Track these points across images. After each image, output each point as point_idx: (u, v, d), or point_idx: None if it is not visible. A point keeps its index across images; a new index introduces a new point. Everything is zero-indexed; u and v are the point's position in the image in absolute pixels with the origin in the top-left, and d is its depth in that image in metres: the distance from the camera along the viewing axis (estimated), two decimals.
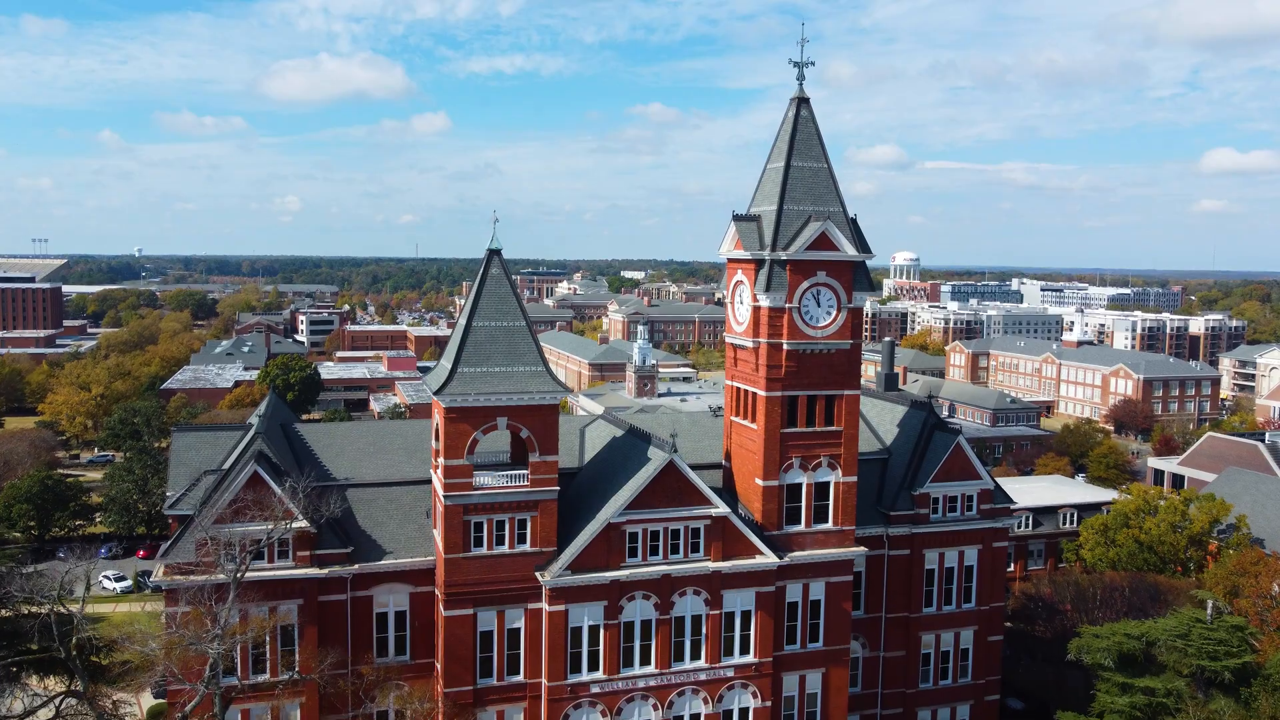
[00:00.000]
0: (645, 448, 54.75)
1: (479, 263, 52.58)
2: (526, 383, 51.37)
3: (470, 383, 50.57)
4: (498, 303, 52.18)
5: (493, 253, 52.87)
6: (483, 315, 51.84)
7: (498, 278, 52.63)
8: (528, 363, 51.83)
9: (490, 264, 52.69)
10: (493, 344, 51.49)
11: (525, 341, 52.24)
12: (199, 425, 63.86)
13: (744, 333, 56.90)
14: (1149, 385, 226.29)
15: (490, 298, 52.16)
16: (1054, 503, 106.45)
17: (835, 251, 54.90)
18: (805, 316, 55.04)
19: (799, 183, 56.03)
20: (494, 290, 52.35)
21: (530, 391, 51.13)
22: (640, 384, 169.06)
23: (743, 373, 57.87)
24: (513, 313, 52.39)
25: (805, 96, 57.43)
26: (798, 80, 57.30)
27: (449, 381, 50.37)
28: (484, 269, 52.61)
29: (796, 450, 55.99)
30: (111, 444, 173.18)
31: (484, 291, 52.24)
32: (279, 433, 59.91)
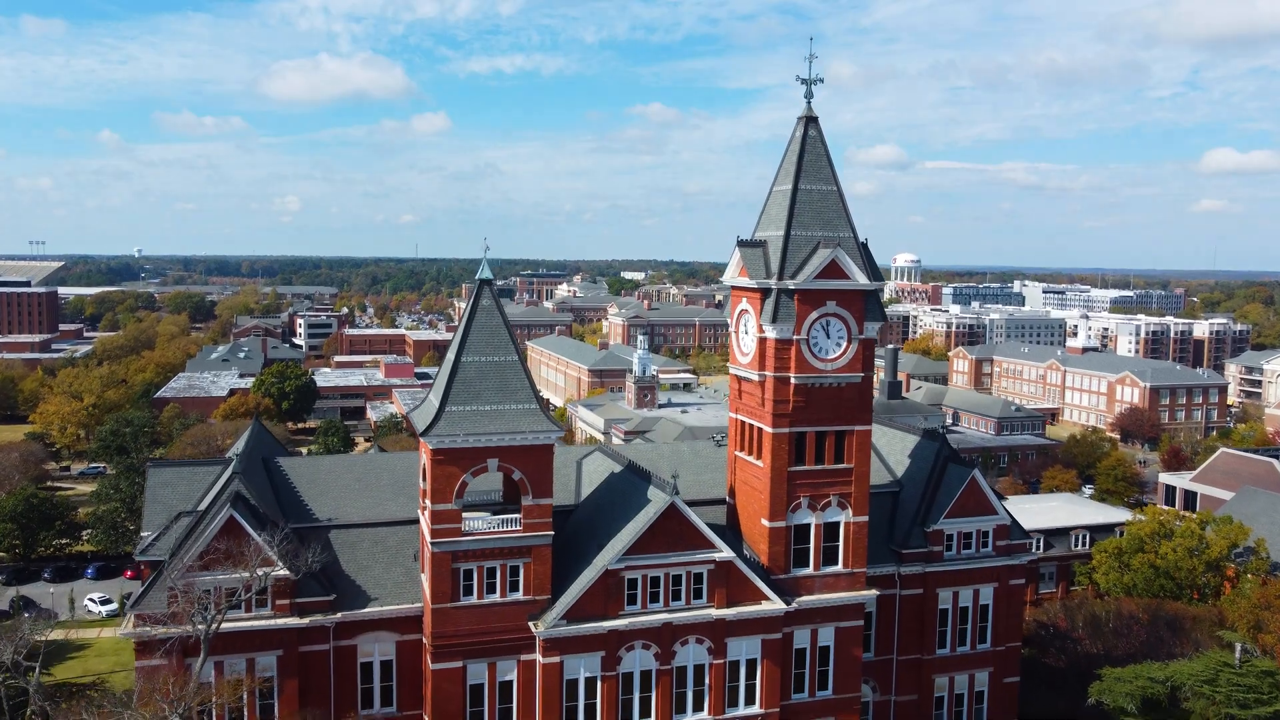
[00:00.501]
0: (645, 487, 51.82)
1: (479, 263, 49.51)
2: (518, 422, 48.41)
3: (459, 422, 47.62)
4: (488, 336, 49.20)
5: (483, 283, 49.92)
6: (472, 349, 48.85)
7: (489, 309, 49.66)
8: (520, 400, 48.88)
9: (481, 294, 49.73)
10: (483, 380, 48.52)
11: (517, 377, 49.29)
12: (175, 460, 60.89)
13: (749, 364, 53.95)
14: (1155, 393, 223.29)
15: (480, 331, 49.18)
16: (1066, 524, 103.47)
17: (846, 280, 51.97)
18: (814, 348, 52.11)
19: (807, 206, 53.09)
20: (485, 323, 49.39)
21: (523, 431, 48.18)
22: (640, 395, 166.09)
23: (748, 406, 54.94)
24: (504, 346, 49.41)
25: (813, 115, 54.49)
26: (805, 99, 54.36)
27: (436, 421, 47.42)
28: (474, 300, 49.63)
29: (805, 489, 53.05)
30: (102, 456, 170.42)
31: (474, 324, 49.25)
32: (260, 468, 57.00)
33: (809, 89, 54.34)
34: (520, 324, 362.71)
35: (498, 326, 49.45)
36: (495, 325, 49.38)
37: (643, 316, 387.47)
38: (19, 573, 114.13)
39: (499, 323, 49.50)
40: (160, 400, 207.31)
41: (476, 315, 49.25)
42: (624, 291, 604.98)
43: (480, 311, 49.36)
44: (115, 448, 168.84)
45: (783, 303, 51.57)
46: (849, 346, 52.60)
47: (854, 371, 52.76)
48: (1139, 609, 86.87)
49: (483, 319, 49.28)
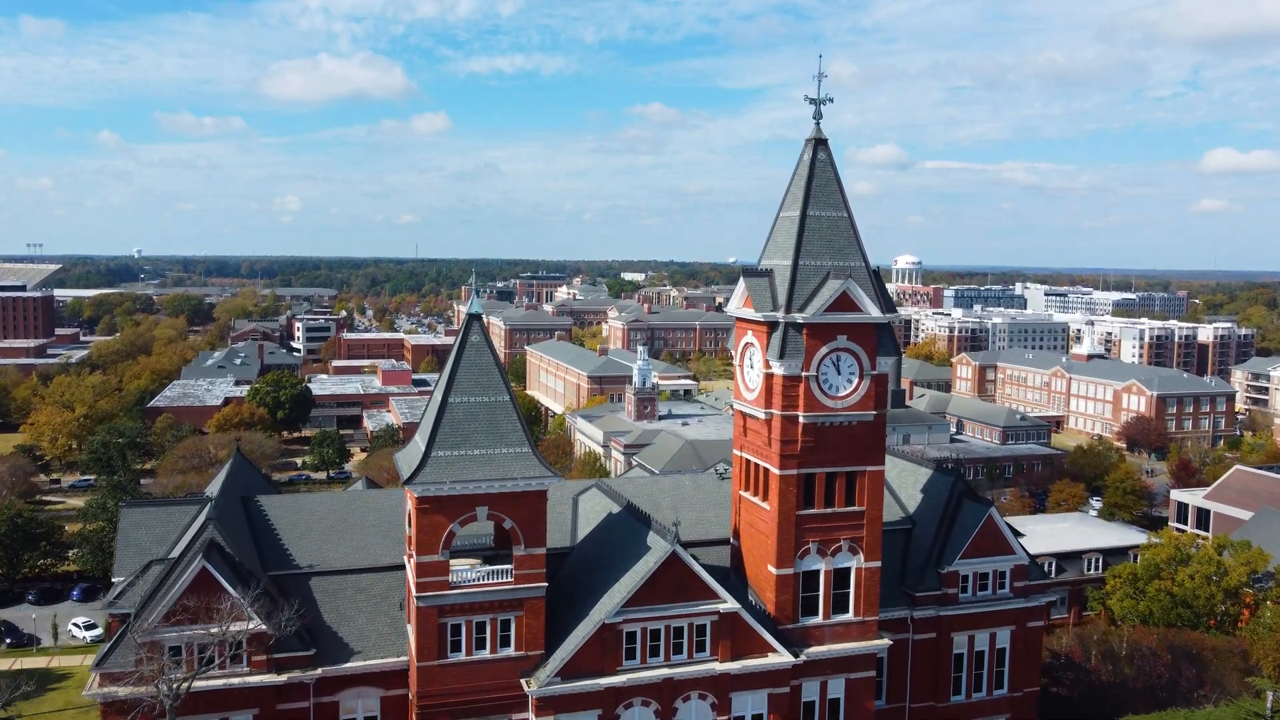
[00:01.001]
0: (644, 532, 48.84)
1: (479, 264, 47.09)
2: (510, 467, 45.42)
3: (446, 469, 44.63)
4: (478, 375, 46.21)
5: (472, 318, 46.91)
6: (460, 389, 45.85)
7: (478, 346, 46.66)
8: (511, 444, 45.88)
9: (469, 330, 46.71)
10: (471, 423, 45.54)
11: (509, 419, 46.29)
12: (149, 500, 57.89)
13: (754, 401, 50.98)
14: (1162, 402, 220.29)
15: (469, 369, 46.18)
16: (1078, 547, 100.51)
17: (858, 313, 48.99)
18: (824, 385, 49.15)
19: (816, 234, 50.13)
20: (474, 360, 46.38)
21: (514, 477, 45.19)
22: (640, 406, 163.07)
23: (753, 444, 51.98)
24: (494, 386, 46.41)
25: (823, 137, 51.50)
26: (814, 120, 51.37)
27: (421, 467, 44.43)
28: (462, 336, 46.62)
29: (814, 534, 50.09)
30: (93, 468, 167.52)
31: (462, 362, 46.25)
32: (238, 508, 54.05)
33: (818, 109, 51.37)
34: (519, 328, 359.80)
35: (488, 365, 46.45)
36: (485, 364, 46.38)
37: (643, 320, 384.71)
38: (2, 595, 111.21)
39: (489, 360, 46.49)
40: (154, 410, 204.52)
41: (465, 353, 46.26)
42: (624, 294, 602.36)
43: (469, 349, 46.36)
44: (106, 460, 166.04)
45: (790, 337, 48.61)
46: (860, 383, 49.65)
47: (866, 409, 49.81)
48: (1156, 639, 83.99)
49: (471, 357, 46.28)
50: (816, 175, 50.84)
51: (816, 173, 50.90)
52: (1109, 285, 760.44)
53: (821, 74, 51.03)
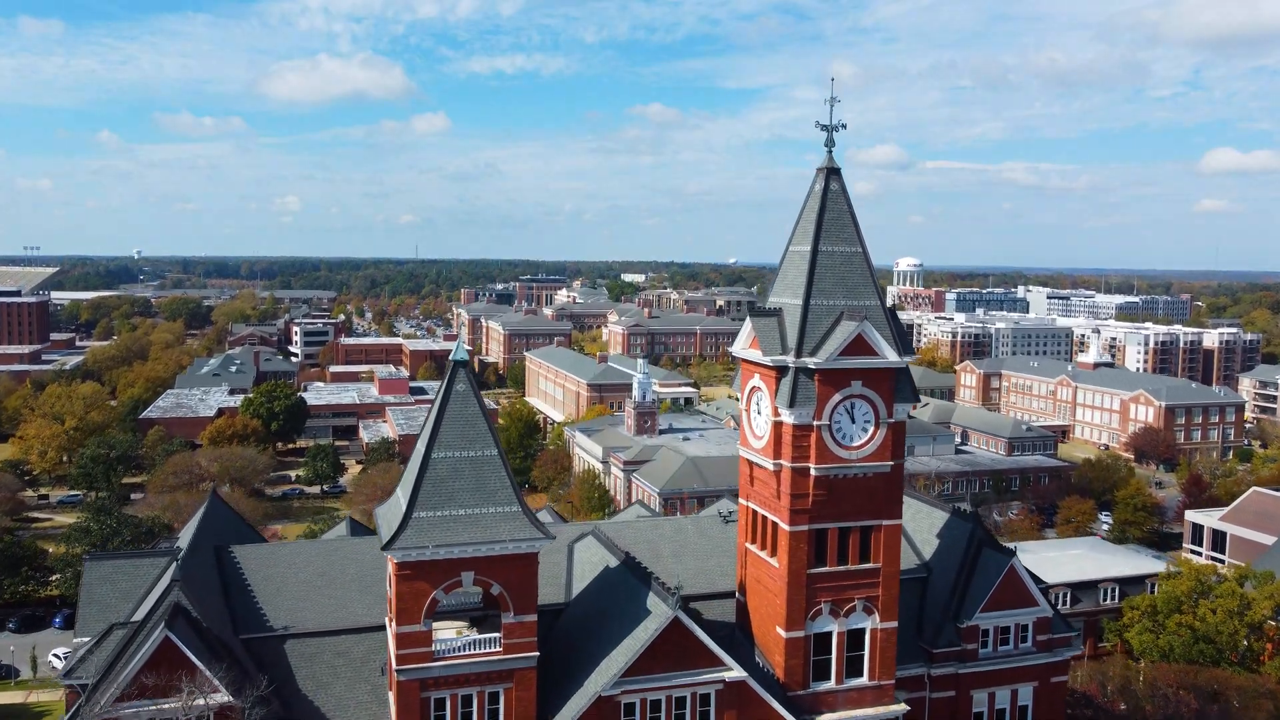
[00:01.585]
0: (644, 593, 45.37)
1: (478, 264, 44.33)
2: (498, 528, 41.95)
3: (428, 531, 41.15)
4: (464, 426, 42.71)
5: (458, 365, 43.41)
6: (445, 443, 42.34)
7: (463, 395, 43.16)
8: (500, 502, 42.40)
9: (454, 378, 43.21)
10: (456, 479, 42.05)
11: (497, 474, 42.80)
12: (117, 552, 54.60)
13: (762, 450, 47.51)
14: (1171, 413, 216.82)
15: (454, 421, 42.68)
16: (1093, 576, 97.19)
17: (874, 357, 45.52)
18: (837, 435, 45.69)
19: (828, 271, 46.68)
20: (460, 411, 42.88)
21: (503, 540, 41.70)
22: (640, 421, 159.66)
23: (760, 495, 48.52)
24: (482, 438, 42.90)
25: (835, 166, 48.06)
26: (826, 148, 47.96)
27: (401, 530, 40.94)
28: (446, 385, 43.11)
29: (826, 593, 46.65)
30: (82, 483, 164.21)
31: (446, 414, 42.73)
32: (210, 560, 50.63)
33: (830, 137, 47.94)
34: (518, 333, 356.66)
35: (475, 415, 42.96)
36: (471, 414, 42.89)
37: (643, 325, 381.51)
38: None
39: (476, 411, 43.01)
40: (146, 421, 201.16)
41: (450, 403, 42.74)
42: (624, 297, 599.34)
43: (454, 398, 42.85)
44: (95, 475, 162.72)
45: (801, 383, 45.16)
46: (876, 431, 46.19)
47: (882, 460, 46.35)
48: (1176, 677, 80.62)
49: (457, 407, 42.78)
50: (829, 207, 47.40)
51: (829, 205, 47.46)
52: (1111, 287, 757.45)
53: (834, 98, 47.67)
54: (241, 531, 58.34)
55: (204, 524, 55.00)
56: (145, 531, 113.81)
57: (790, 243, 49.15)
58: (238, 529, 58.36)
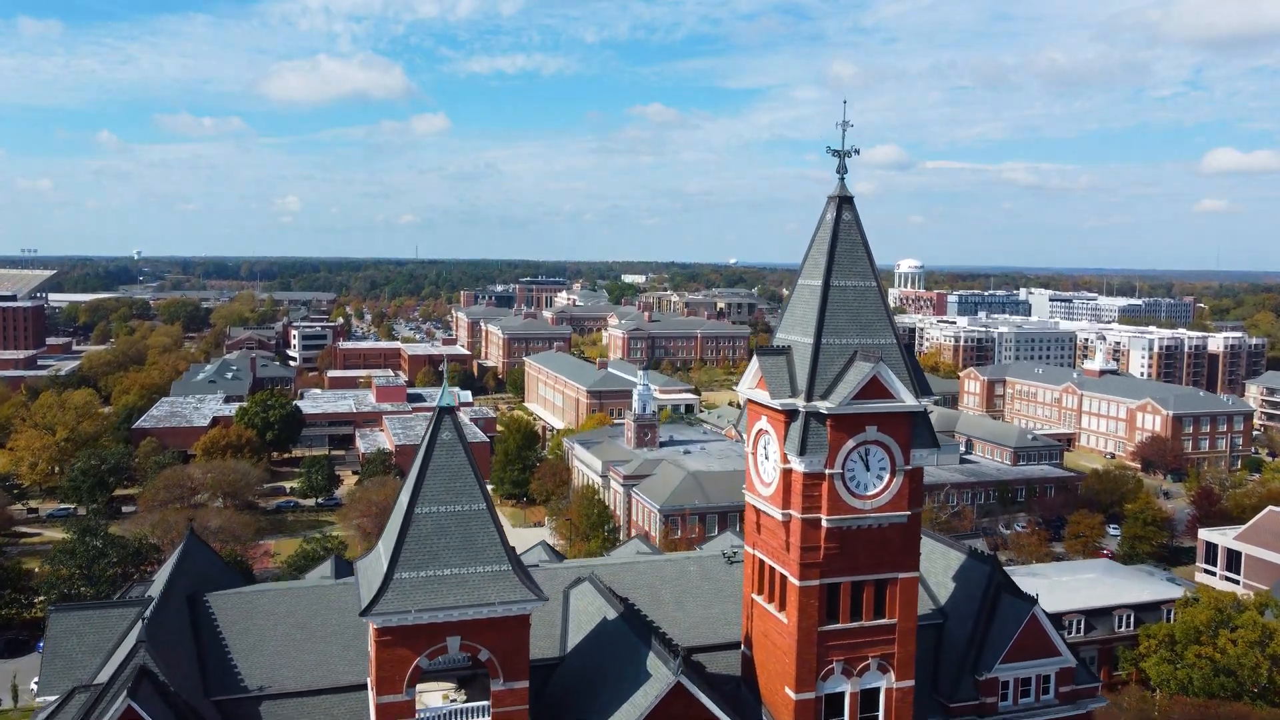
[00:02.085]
0: (644, 652, 42.40)
1: (478, 265, 41.64)
2: (486, 589, 38.96)
3: (410, 594, 38.16)
4: (449, 479, 39.73)
5: (444, 411, 40.43)
6: (429, 498, 39.35)
7: (449, 445, 40.18)
8: (488, 560, 39.42)
9: (440, 426, 40.23)
10: (442, 537, 39.07)
11: (485, 530, 39.81)
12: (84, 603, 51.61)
13: (770, 498, 44.53)
14: (1178, 422, 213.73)
15: (439, 473, 39.70)
16: (1107, 603, 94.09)
17: (889, 400, 42.53)
18: (850, 484, 42.71)
19: (841, 307, 43.69)
20: (445, 462, 39.90)
21: (491, 602, 38.69)
22: (640, 433, 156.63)
23: (768, 545, 45.54)
24: (468, 491, 39.91)
25: (848, 195, 45.08)
26: (838, 175, 44.96)
27: (382, 593, 37.94)
28: (432, 432, 40.12)
29: (838, 652, 43.66)
30: (73, 496, 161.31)
31: (431, 464, 39.74)
32: (183, 611, 47.66)
33: (842, 162, 44.96)
34: (518, 337, 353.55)
35: (461, 466, 39.96)
36: (458, 465, 39.89)
37: (643, 329, 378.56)
38: None
39: (463, 461, 40.01)
40: (139, 431, 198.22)
41: (435, 453, 39.73)
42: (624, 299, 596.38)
43: (439, 448, 39.84)
44: (85, 488, 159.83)
45: (812, 429, 42.16)
46: (892, 480, 43.20)
47: (898, 509, 43.36)
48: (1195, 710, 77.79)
49: (442, 458, 39.78)
50: (841, 239, 44.42)
51: (841, 236, 44.48)
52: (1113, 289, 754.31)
53: (846, 123, 44.66)
54: (220, 574, 55.34)
55: (179, 566, 52.04)
56: (133, 553, 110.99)
57: (800, 275, 46.15)
58: (216, 571, 55.36)
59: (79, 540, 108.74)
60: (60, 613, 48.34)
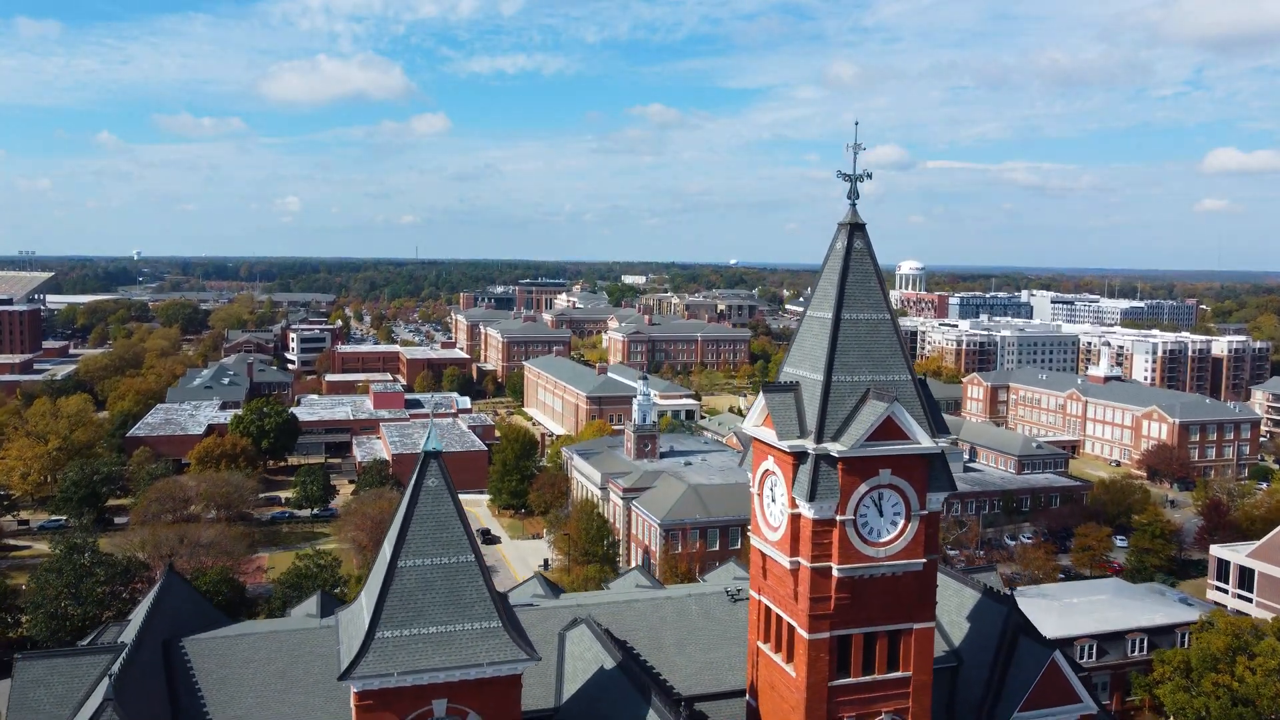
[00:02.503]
0: (644, 710, 39.93)
1: (479, 265, 40.72)
2: (475, 648, 36.45)
3: (393, 654, 35.64)
4: (436, 529, 37.22)
5: (430, 456, 37.93)
6: (413, 549, 36.81)
7: (435, 492, 37.66)
8: (477, 616, 36.87)
9: (425, 471, 37.71)
10: (427, 592, 36.55)
11: (473, 585, 37.28)
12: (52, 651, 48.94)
13: (778, 544, 42.00)
14: (1185, 429, 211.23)
15: (425, 522, 37.18)
16: (1120, 627, 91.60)
17: (904, 442, 40.02)
18: (863, 530, 40.21)
19: (853, 342, 41.18)
20: (431, 511, 37.39)
21: (480, 663, 36.20)
22: (640, 444, 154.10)
23: (774, 591, 43.01)
24: (456, 542, 37.38)
25: (860, 222, 42.55)
26: (849, 200, 42.44)
27: (363, 654, 35.44)
28: (417, 478, 37.62)
29: (849, 707, 41.12)
30: (64, 508, 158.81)
31: (415, 513, 37.19)
32: (158, 658, 45.14)
33: (854, 187, 42.44)
34: (517, 340, 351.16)
35: (448, 514, 37.44)
36: (445, 515, 37.37)
37: (643, 332, 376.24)
38: None
39: (450, 510, 37.47)
40: (133, 440, 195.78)
41: (419, 500, 37.18)
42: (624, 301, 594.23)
43: (424, 495, 37.32)
44: (78, 500, 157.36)
45: (823, 473, 39.65)
46: (907, 525, 40.69)
47: (914, 557, 40.85)
48: None
49: (428, 507, 37.25)
50: (853, 269, 41.90)
51: (853, 265, 41.95)
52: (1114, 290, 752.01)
53: (858, 144, 42.12)
54: (200, 614, 52.80)
55: (156, 607, 49.52)
56: (121, 571, 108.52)
57: (808, 306, 43.62)
58: (196, 611, 52.83)
59: (65, 558, 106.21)
60: (27, 661, 45.78)
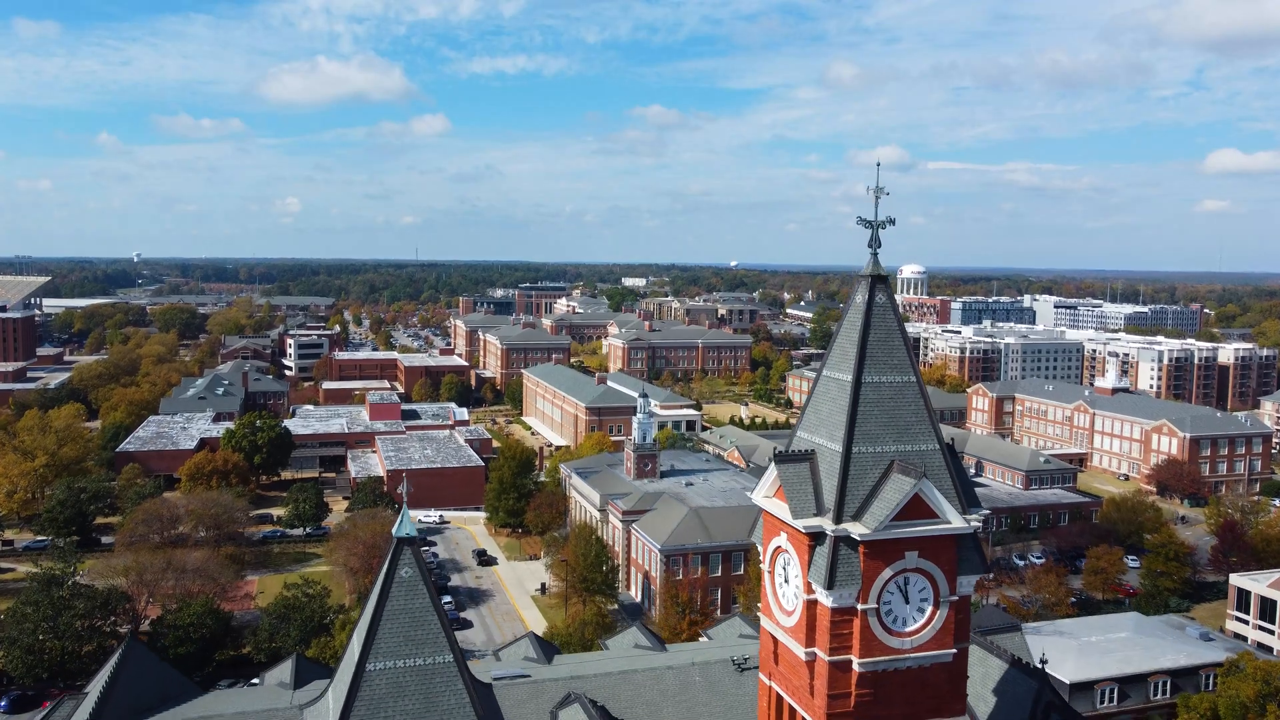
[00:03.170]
0: None
1: (478, 267, 38.57)
2: None
3: None
4: (409, 624, 33.26)
5: (403, 543, 33.97)
6: (385, 650, 32.85)
7: (410, 582, 33.71)
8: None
9: (398, 559, 33.75)
10: (400, 698, 32.54)
11: (452, 688, 33.31)
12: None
13: (791, 630, 38.04)
14: (1196, 444, 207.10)
15: (398, 619, 33.23)
16: (1142, 669, 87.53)
17: (934, 521, 36.06)
18: (886, 619, 36.26)
19: (875, 407, 37.22)
20: (403, 604, 33.43)
21: None
22: (640, 464, 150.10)
23: (787, 680, 39.04)
24: (433, 640, 33.43)
25: (882, 274, 38.63)
26: (871, 250, 38.51)
27: None
28: (389, 568, 33.65)
29: None
30: (50, 529, 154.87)
31: (388, 609, 33.27)
32: None
33: (875, 235, 38.50)
34: (516, 348, 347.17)
35: (423, 610, 33.48)
36: (419, 609, 33.43)
37: (643, 339, 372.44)
38: None
39: (425, 604, 33.52)
40: (124, 455, 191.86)
41: (391, 595, 33.25)
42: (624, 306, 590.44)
43: (397, 587, 33.38)
44: (63, 520, 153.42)
45: (842, 556, 35.70)
46: (935, 613, 36.74)
47: (942, 647, 36.91)
48: None
49: (400, 600, 33.30)
50: (875, 325, 37.94)
51: (875, 321, 38.00)
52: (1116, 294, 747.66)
53: (880, 189, 38.17)
54: (161, 685, 48.77)
55: (114, 681, 45.57)
56: (101, 604, 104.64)
57: (824, 365, 39.66)
58: (158, 681, 48.82)
59: (42, 591, 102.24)
60: None
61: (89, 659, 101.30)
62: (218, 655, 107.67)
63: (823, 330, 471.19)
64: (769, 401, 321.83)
